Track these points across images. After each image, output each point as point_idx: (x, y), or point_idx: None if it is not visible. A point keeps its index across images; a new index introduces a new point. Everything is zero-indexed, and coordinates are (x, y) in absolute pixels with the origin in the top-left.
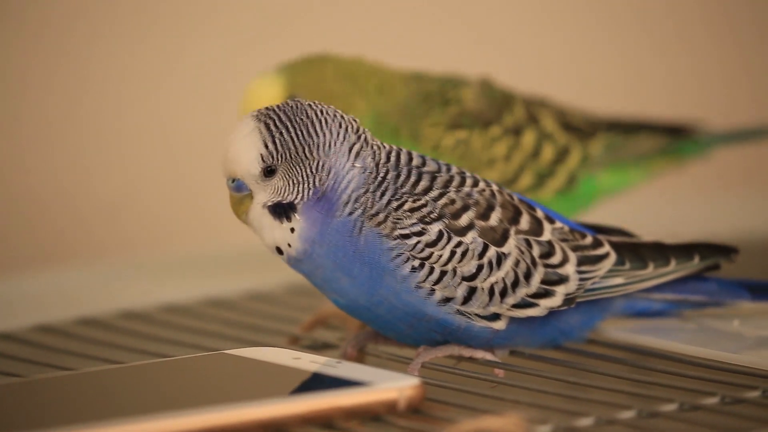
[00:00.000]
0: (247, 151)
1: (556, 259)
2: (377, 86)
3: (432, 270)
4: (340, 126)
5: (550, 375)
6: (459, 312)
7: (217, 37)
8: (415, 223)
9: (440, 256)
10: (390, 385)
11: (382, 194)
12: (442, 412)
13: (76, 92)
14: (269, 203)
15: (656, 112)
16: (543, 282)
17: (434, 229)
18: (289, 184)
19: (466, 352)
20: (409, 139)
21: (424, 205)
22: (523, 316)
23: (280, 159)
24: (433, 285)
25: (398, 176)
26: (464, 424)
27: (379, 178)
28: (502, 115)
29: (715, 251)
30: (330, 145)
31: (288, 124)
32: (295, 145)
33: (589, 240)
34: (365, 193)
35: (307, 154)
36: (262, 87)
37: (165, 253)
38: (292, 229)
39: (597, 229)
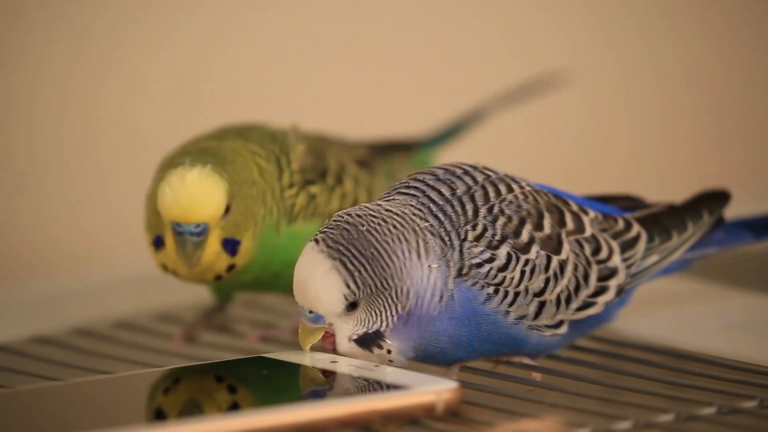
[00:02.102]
0: (329, 292)
1: (604, 254)
2: (264, 174)
3: (506, 294)
4: (401, 239)
5: (587, 378)
6: (530, 327)
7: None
8: (484, 251)
9: (512, 278)
10: (428, 389)
11: (453, 247)
12: (480, 416)
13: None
14: (354, 336)
15: None
16: (598, 279)
17: (503, 252)
18: (372, 314)
19: (508, 355)
20: (287, 225)
21: (486, 229)
22: (584, 317)
23: (361, 294)
24: (508, 307)
25: (450, 218)
26: (502, 428)
27: (447, 238)
28: (325, 165)
29: (714, 200)
30: (402, 269)
31: (362, 259)
32: (373, 281)
33: (621, 224)
34: (445, 279)
35: (386, 285)
36: (206, 186)
37: None
38: (389, 351)
39: (605, 200)
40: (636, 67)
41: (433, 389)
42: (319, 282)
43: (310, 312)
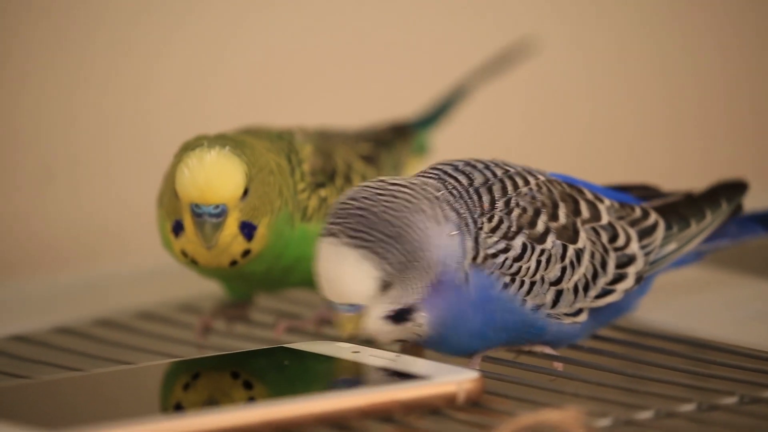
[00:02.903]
0: (363, 281)
1: (621, 241)
2: (285, 170)
3: (522, 283)
4: (417, 210)
5: (608, 368)
6: (548, 315)
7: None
8: (499, 241)
9: (528, 268)
10: (449, 379)
11: (469, 234)
12: (501, 405)
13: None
14: (389, 313)
15: None
16: (616, 266)
17: (518, 243)
18: (405, 290)
19: (525, 345)
20: (301, 222)
21: (501, 221)
22: (603, 305)
23: (394, 274)
24: (524, 296)
25: (467, 205)
26: (523, 418)
27: (464, 225)
28: (333, 166)
29: (731, 190)
30: (426, 240)
31: (388, 240)
32: (404, 257)
33: (638, 212)
34: (464, 249)
35: (416, 258)
36: (225, 167)
37: None
38: (420, 324)
39: (622, 189)
40: (643, 54)
41: (454, 379)
42: (352, 274)
43: (346, 305)
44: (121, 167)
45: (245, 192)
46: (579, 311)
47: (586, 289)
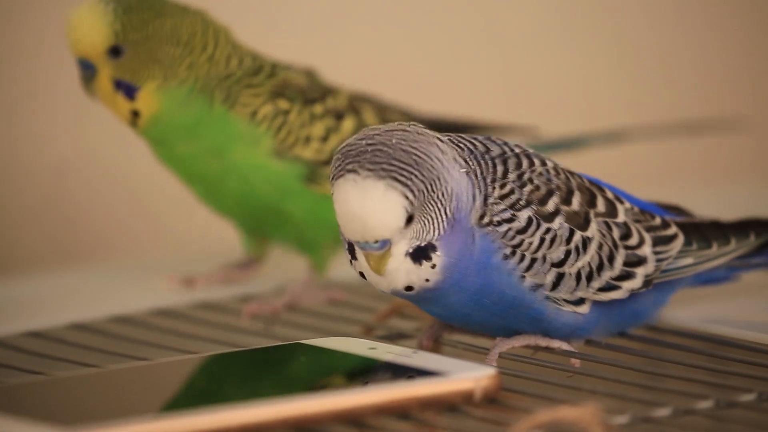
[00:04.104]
0: (391, 211)
1: (633, 241)
2: (209, 55)
3: (523, 257)
4: (431, 143)
5: (626, 365)
6: (547, 298)
7: None
8: (505, 210)
9: (531, 243)
10: (466, 375)
11: (480, 192)
12: (519, 402)
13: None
14: (410, 250)
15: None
16: (624, 264)
17: (524, 215)
18: (426, 223)
19: (543, 342)
20: (222, 105)
21: (512, 192)
22: (607, 300)
23: (417, 203)
24: (524, 272)
25: (481, 167)
26: (540, 414)
27: (474, 175)
28: (325, 97)
29: (763, 226)
30: (443, 169)
31: (409, 168)
32: (425, 185)
33: (658, 221)
34: (473, 196)
35: (435, 187)
36: (87, 21)
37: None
38: (434, 266)
39: (652, 203)
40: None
41: (472, 376)
42: (379, 205)
43: (376, 242)
44: (134, 164)
45: (116, 50)
46: (581, 301)
47: (589, 278)
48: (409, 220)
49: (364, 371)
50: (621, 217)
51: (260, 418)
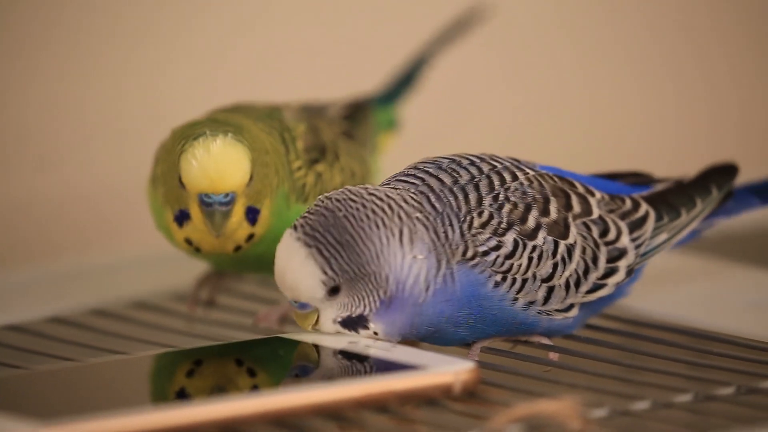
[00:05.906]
0: (306, 279)
1: (612, 235)
2: (274, 149)
3: (514, 281)
4: (378, 224)
5: (605, 358)
6: (540, 312)
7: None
8: (490, 238)
9: (520, 265)
10: (445, 369)
11: (453, 230)
12: (498, 396)
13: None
14: (339, 319)
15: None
16: (607, 261)
17: (509, 239)
18: (354, 299)
19: (522, 336)
20: (296, 202)
21: (491, 217)
22: (595, 299)
23: (340, 279)
24: (516, 294)
25: (450, 204)
26: (519, 408)
27: (443, 225)
28: (323, 141)
29: (722, 174)
30: (378, 256)
31: (337, 246)
32: (350, 266)
33: (629, 203)
34: (438, 252)
35: (364, 271)
36: (228, 151)
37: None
38: (375, 333)
39: (612, 177)
40: (646, 38)
41: (451, 369)
42: (297, 270)
43: (296, 302)
44: (113, 156)
45: (251, 177)
46: (570, 306)
47: (577, 285)
48: (334, 291)
49: (343, 365)
50: (596, 212)
51: (239, 412)
